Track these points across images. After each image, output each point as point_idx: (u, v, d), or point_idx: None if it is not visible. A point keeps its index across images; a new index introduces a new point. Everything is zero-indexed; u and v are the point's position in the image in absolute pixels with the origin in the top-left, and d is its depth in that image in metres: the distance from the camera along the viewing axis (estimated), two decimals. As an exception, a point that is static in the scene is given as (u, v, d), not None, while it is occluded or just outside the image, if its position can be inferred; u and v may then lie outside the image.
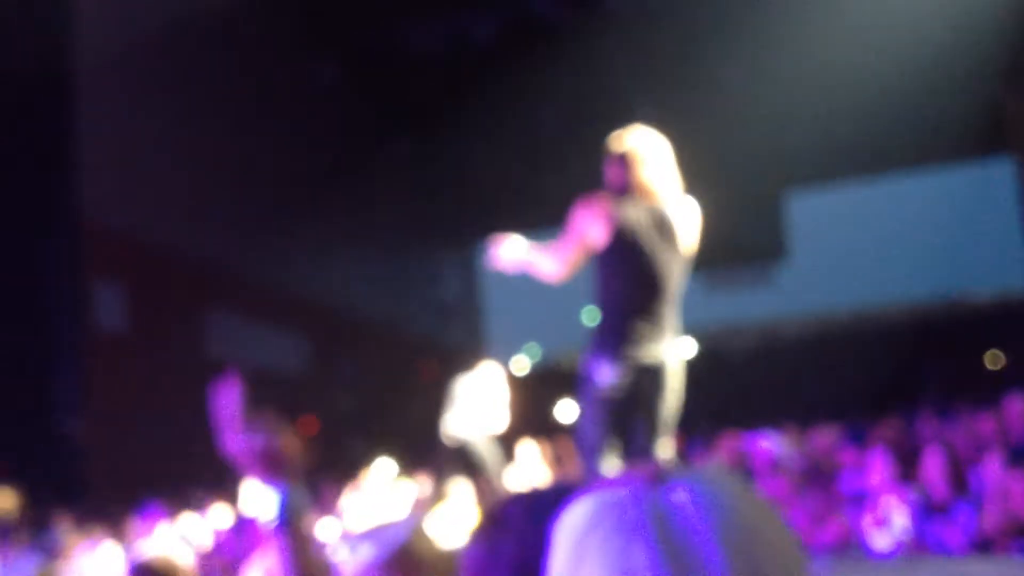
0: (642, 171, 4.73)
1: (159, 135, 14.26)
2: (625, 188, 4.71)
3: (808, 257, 22.43)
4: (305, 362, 18.22)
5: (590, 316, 5.14)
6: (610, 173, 4.82)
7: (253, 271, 16.61)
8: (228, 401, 2.07)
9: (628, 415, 4.63)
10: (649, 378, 4.60)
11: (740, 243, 20.35)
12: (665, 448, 4.78)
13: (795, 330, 23.75)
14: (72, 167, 12.98)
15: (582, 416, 4.74)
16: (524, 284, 6.10)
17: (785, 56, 16.66)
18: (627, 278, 4.64)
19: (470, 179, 20.39)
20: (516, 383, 8.55)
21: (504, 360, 26.95)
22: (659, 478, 0.95)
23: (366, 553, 2.31)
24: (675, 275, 4.71)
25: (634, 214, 4.67)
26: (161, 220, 14.38)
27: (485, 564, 1.49)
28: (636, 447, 4.68)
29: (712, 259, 21.01)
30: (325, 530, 7.93)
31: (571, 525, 0.96)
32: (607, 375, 4.57)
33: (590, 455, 4.68)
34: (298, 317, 17.91)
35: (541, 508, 1.55)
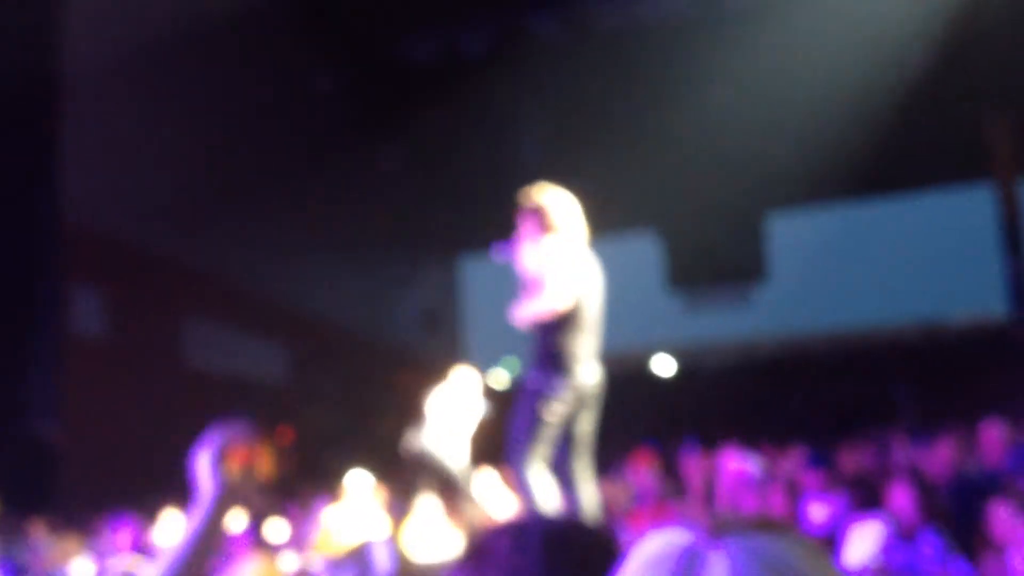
0: (552, 223, 5.43)
1: (143, 140, 14.21)
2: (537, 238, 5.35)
3: (786, 278, 22.49)
4: (283, 371, 18.17)
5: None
6: (525, 224, 5.49)
7: (233, 279, 16.57)
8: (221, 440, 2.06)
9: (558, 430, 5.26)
10: (578, 398, 5.22)
11: (720, 263, 20.42)
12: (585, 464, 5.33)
13: (771, 350, 23.80)
14: (54, 170, 12.93)
15: (518, 425, 5.27)
16: (504, 298, 6.17)
17: (768, 77, 16.76)
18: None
19: (454, 191, 20.40)
20: (494, 395, 8.54)
21: (482, 371, 26.89)
22: (718, 532, 0.96)
23: None
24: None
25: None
26: (143, 226, 14.33)
27: None
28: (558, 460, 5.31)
29: (691, 278, 21.12)
30: (301, 543, 7.91)
31: (631, 557, 1.00)
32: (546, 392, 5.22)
33: (518, 461, 5.24)
34: (277, 326, 17.86)
35: (528, 541, 1.56)
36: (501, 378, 26.34)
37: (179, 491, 9.17)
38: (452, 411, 8.49)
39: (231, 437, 1.96)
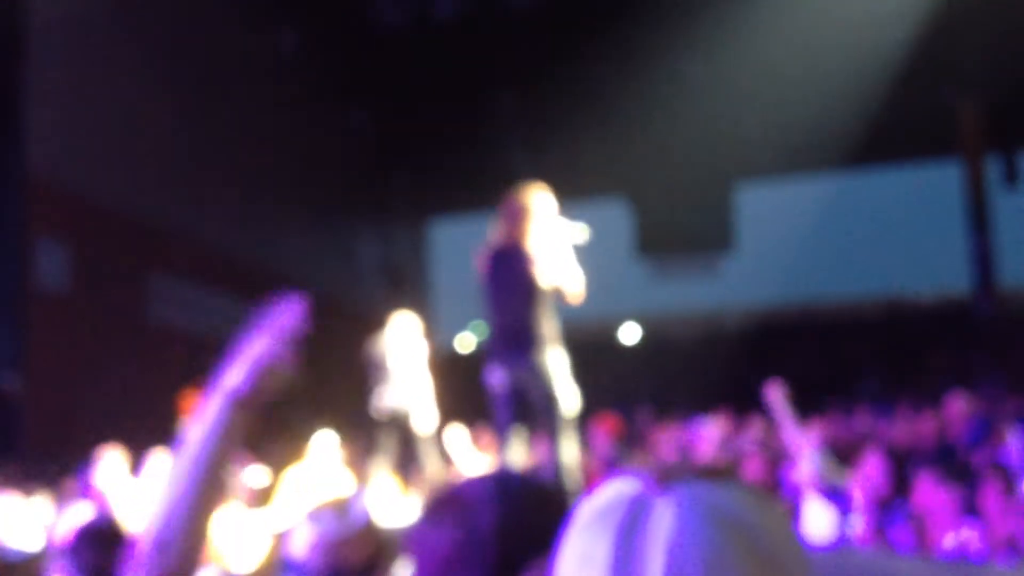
0: (528, 223, 5.88)
1: (110, 96, 14.08)
2: (513, 232, 5.91)
3: (754, 249, 22.62)
4: (248, 330, 18.12)
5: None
6: (507, 216, 6.00)
7: (199, 235, 16.48)
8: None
9: (521, 407, 5.88)
10: (529, 378, 5.76)
11: (688, 232, 20.50)
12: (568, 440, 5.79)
13: (738, 321, 23.97)
14: (21, 125, 12.79)
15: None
16: (471, 264, 6.28)
17: (740, 50, 16.80)
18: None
19: (426, 154, 20.36)
20: (461, 359, 8.61)
21: (450, 336, 27.04)
22: (666, 480, 0.96)
23: (318, 530, 2.29)
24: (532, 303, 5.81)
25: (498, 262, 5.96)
26: (108, 181, 14.21)
27: (455, 544, 1.50)
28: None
29: (660, 247, 21.20)
30: (267, 503, 7.91)
31: (581, 508, 1.00)
32: (497, 376, 5.87)
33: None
34: (244, 284, 17.79)
35: (485, 493, 1.57)
36: (468, 342, 26.38)
37: (141, 446, 9.13)
38: (398, 359, 8.59)
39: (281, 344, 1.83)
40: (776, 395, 6.61)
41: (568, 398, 5.73)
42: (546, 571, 1.29)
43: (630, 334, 22.92)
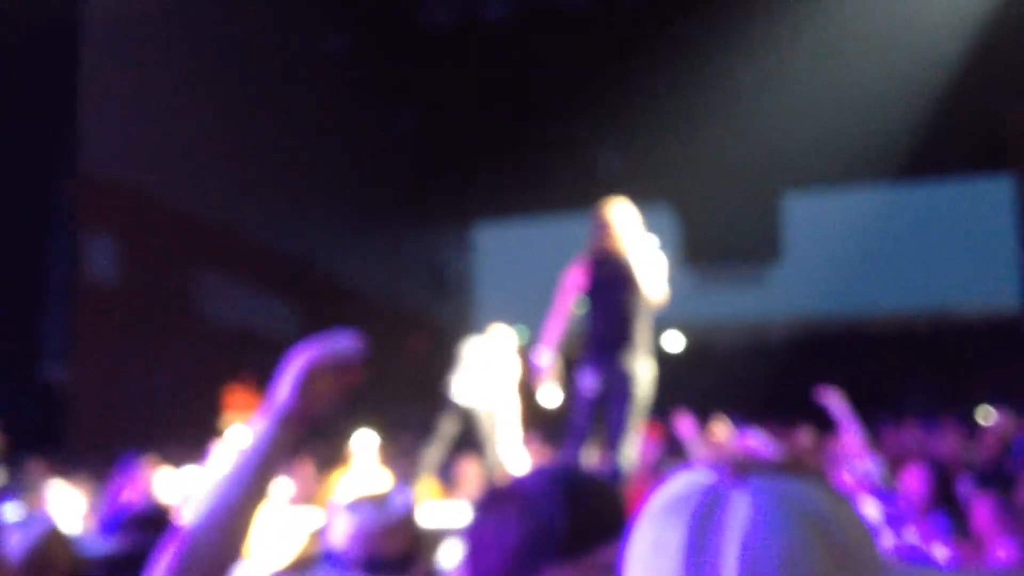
0: (615, 235, 6.32)
1: (162, 92, 14.22)
2: (601, 246, 6.35)
3: (801, 259, 22.45)
4: (294, 328, 18.22)
5: (579, 304, 6.33)
6: (594, 232, 6.42)
7: (249, 233, 16.60)
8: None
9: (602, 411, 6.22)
10: (618, 380, 6.11)
11: (734, 241, 20.40)
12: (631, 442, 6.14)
13: (783, 331, 23.80)
14: (71, 119, 12.94)
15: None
16: (519, 267, 6.40)
17: (791, 57, 16.70)
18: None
19: (472, 157, 20.38)
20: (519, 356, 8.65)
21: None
22: (740, 473, 0.96)
23: (357, 520, 2.30)
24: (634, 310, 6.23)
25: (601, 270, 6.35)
26: (160, 175, 14.35)
27: (521, 536, 1.50)
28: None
29: (705, 255, 21.10)
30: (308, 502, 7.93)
31: (654, 496, 1.00)
32: (588, 380, 6.24)
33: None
34: (291, 282, 17.91)
35: (551, 487, 1.57)
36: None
37: (186, 439, 9.20)
38: (487, 364, 8.56)
39: (340, 355, 1.83)
40: (834, 400, 6.67)
41: (644, 408, 6.08)
42: (609, 562, 1.29)
43: (674, 342, 22.87)
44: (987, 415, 19.37)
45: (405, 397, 15.24)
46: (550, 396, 6.80)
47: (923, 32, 16.22)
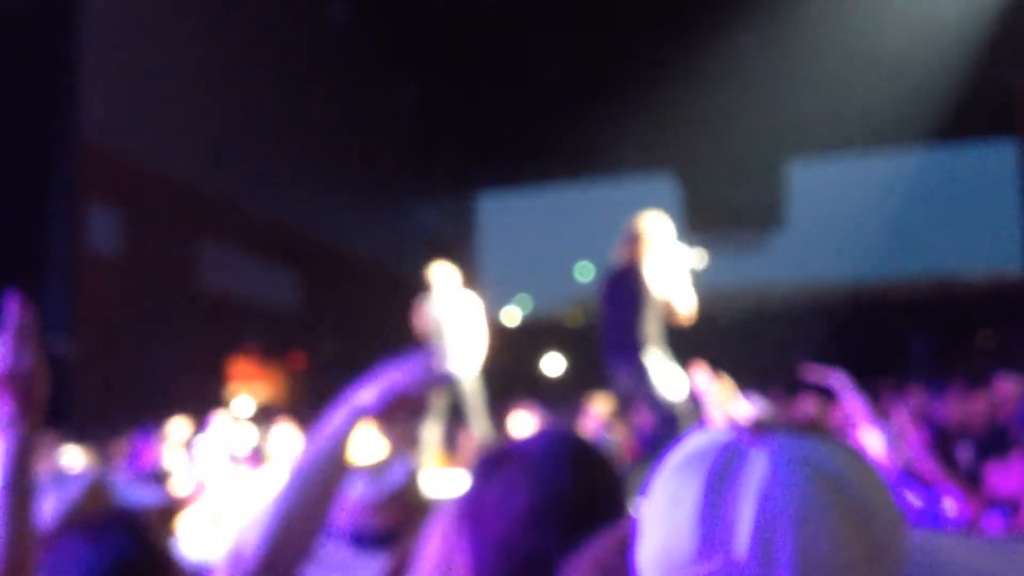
0: (644, 245, 6.35)
1: (163, 64, 14.18)
2: (629, 254, 6.41)
3: (804, 227, 22.43)
4: (297, 298, 18.24)
5: (582, 272, 6.42)
6: (627, 239, 6.46)
7: (251, 203, 16.59)
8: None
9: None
10: (635, 379, 6.29)
11: (738, 208, 20.34)
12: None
13: (786, 298, 23.80)
14: (74, 91, 12.91)
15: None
16: (519, 236, 6.35)
17: (795, 25, 16.59)
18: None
19: (475, 126, 20.32)
20: (506, 332, 8.53)
21: (496, 309, 27.01)
22: (758, 432, 0.95)
23: (362, 491, 2.29)
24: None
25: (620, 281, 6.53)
26: (160, 147, 14.33)
27: (528, 503, 1.49)
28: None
29: (708, 222, 21.01)
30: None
31: (671, 453, 1.00)
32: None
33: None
34: (293, 252, 17.91)
35: (556, 448, 1.56)
36: (513, 315, 26.39)
37: (188, 409, 9.22)
38: (449, 318, 8.49)
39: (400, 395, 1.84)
40: (827, 376, 6.65)
41: (674, 390, 6.15)
42: (616, 532, 1.28)
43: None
44: (985, 339, 19.44)
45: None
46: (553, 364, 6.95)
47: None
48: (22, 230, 12.44)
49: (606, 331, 6.58)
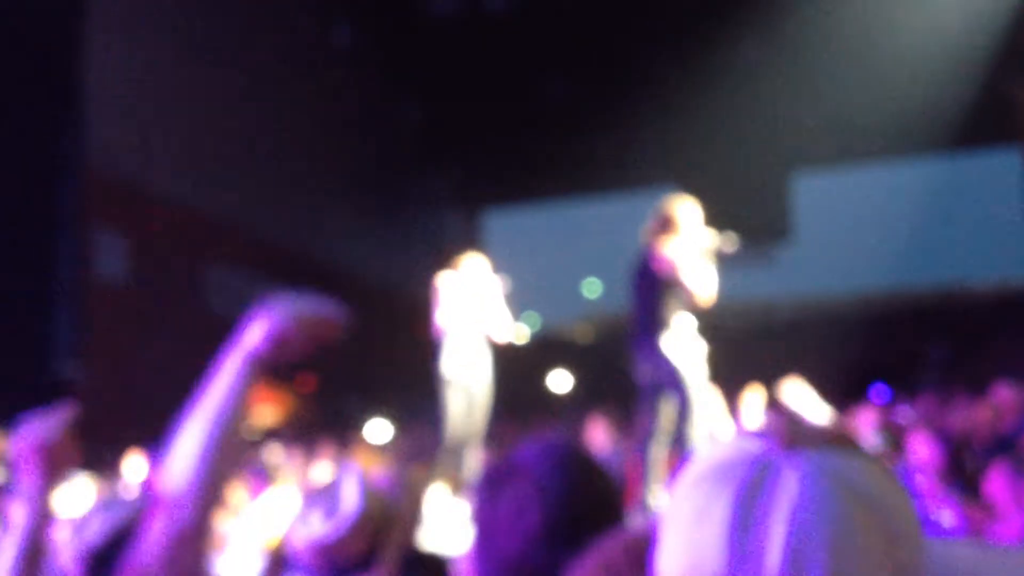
0: (669, 230, 6.44)
1: (168, 89, 14.23)
2: (653, 237, 6.44)
3: (812, 238, 22.42)
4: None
5: (589, 288, 6.39)
6: (653, 223, 6.53)
7: (258, 227, 16.62)
8: None
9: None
10: (656, 364, 6.34)
11: (745, 221, 20.28)
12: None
13: (794, 310, 23.76)
14: (81, 115, 12.95)
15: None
16: (525, 253, 6.35)
17: (799, 36, 16.61)
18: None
19: (478, 144, 20.35)
20: (514, 349, 8.34)
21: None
22: (791, 444, 0.94)
23: (307, 533, 2.22)
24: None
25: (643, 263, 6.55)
26: (168, 172, 14.37)
27: (521, 512, 1.49)
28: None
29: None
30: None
31: (696, 461, 0.98)
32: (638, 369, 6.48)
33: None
34: (299, 273, 17.90)
35: (561, 459, 1.56)
36: (521, 332, 26.36)
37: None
38: (468, 302, 7.90)
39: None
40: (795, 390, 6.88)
41: (695, 376, 6.25)
42: (619, 536, 1.28)
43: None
44: (998, 389, 19.38)
45: (415, 385, 15.24)
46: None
47: (930, 8, 16.14)
48: (29, 257, 12.47)
49: (632, 315, 6.65)
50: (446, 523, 5.24)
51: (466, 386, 7.74)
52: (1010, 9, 15.82)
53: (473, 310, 7.91)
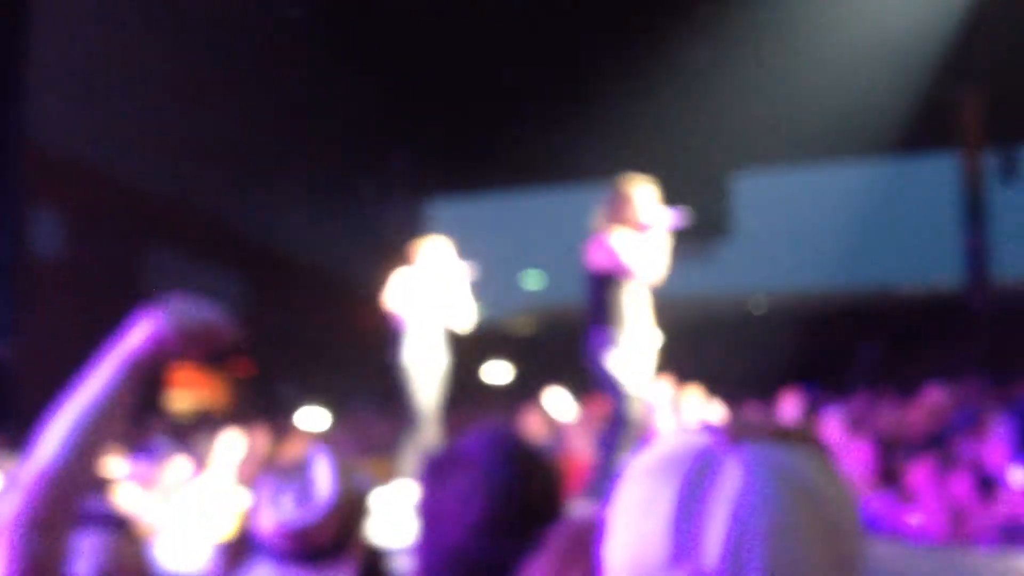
0: (619, 211, 6.38)
1: (110, 64, 14.04)
2: (605, 219, 6.36)
3: (750, 237, 22.61)
4: (244, 303, 18.09)
5: (530, 280, 6.24)
6: (608, 206, 6.47)
7: (200, 207, 16.45)
8: None
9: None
10: (599, 354, 6.21)
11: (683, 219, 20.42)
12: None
13: (732, 307, 23.95)
14: (19, 91, 12.75)
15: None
16: (468, 244, 6.36)
17: (740, 38, 16.73)
18: None
19: (428, 131, 20.25)
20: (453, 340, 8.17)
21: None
22: (736, 438, 0.96)
23: (279, 517, 2.19)
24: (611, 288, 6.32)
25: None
26: (106, 150, 14.18)
27: (466, 503, 1.51)
28: None
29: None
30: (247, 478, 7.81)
31: (642, 456, 1.00)
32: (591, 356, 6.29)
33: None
34: (240, 257, 17.76)
35: (504, 448, 1.58)
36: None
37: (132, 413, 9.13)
38: (426, 289, 7.56)
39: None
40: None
41: (633, 376, 6.10)
42: (568, 527, 1.30)
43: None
44: (929, 391, 19.69)
45: (357, 372, 15.18)
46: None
47: (871, 12, 16.32)
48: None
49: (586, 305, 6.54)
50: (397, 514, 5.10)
51: (425, 374, 7.51)
52: (952, 15, 16.06)
53: (434, 296, 7.56)
